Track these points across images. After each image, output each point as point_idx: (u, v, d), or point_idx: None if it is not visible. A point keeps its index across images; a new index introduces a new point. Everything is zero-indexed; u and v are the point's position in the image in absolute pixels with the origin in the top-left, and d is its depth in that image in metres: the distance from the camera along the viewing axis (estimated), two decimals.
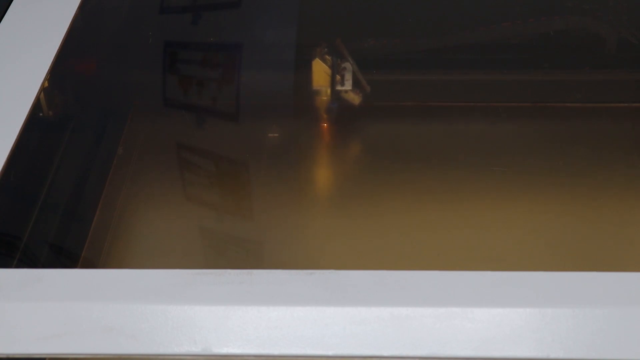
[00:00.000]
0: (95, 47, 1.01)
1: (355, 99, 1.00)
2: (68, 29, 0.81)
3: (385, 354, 0.52)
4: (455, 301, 0.53)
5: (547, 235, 0.87)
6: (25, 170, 0.83)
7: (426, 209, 0.90)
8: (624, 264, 0.85)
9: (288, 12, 1.08)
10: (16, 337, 0.53)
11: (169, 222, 0.92)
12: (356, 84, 1.00)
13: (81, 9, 0.85)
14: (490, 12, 1.08)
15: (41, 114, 0.86)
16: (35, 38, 0.79)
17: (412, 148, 0.99)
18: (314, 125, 1.01)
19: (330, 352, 0.52)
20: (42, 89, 0.74)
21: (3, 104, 0.71)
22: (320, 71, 0.99)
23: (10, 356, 0.53)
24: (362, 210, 0.90)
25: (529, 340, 0.52)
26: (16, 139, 0.67)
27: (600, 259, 0.86)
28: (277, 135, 0.99)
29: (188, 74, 1.04)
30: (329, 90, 1.00)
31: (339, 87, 1.00)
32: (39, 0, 0.85)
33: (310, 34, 1.06)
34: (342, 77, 1.00)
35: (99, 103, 1.01)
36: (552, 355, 0.51)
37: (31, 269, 0.57)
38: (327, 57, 1.00)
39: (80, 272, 0.57)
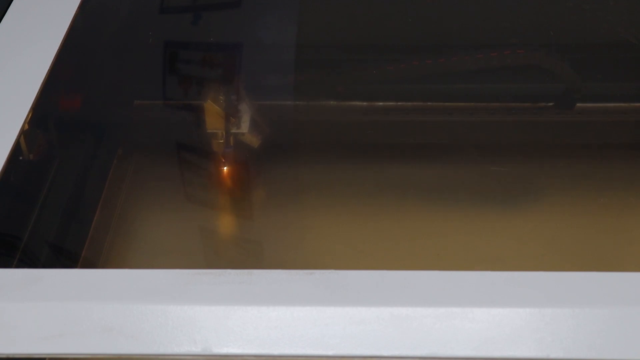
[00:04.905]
0: (95, 47, 1.01)
1: (253, 141, 0.95)
2: (68, 29, 0.81)
3: (385, 354, 0.52)
4: (455, 301, 0.53)
5: (547, 235, 0.87)
6: (25, 170, 0.82)
7: (426, 209, 0.90)
8: (624, 264, 0.85)
9: (288, 12, 1.08)
10: (16, 337, 0.53)
11: (168, 222, 0.92)
12: (253, 125, 0.95)
13: (81, 9, 0.85)
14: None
15: (41, 115, 0.85)
16: (35, 38, 0.79)
17: (411, 146, 0.99)
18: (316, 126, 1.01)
19: (330, 352, 0.52)
20: (42, 89, 0.74)
21: (3, 104, 0.71)
22: (214, 113, 0.95)
23: (10, 356, 0.53)
24: (363, 210, 0.90)
25: (529, 340, 0.52)
26: (16, 139, 0.67)
27: (600, 259, 0.86)
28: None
29: (188, 73, 1.04)
30: (224, 133, 0.95)
31: (234, 130, 0.95)
32: (39, 0, 0.85)
33: (310, 34, 1.06)
34: (239, 119, 0.94)
35: (99, 103, 1.01)
36: (552, 355, 0.51)
37: (31, 269, 0.57)
38: (221, 97, 0.96)
39: (80, 272, 0.57)
